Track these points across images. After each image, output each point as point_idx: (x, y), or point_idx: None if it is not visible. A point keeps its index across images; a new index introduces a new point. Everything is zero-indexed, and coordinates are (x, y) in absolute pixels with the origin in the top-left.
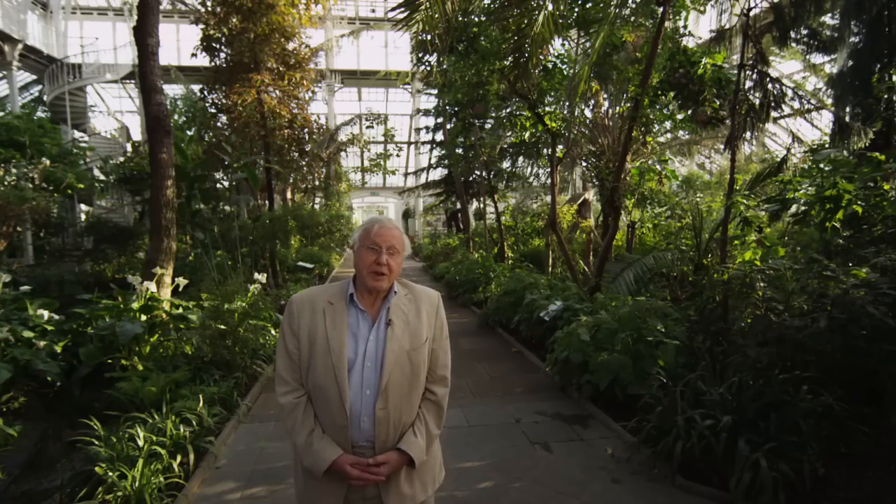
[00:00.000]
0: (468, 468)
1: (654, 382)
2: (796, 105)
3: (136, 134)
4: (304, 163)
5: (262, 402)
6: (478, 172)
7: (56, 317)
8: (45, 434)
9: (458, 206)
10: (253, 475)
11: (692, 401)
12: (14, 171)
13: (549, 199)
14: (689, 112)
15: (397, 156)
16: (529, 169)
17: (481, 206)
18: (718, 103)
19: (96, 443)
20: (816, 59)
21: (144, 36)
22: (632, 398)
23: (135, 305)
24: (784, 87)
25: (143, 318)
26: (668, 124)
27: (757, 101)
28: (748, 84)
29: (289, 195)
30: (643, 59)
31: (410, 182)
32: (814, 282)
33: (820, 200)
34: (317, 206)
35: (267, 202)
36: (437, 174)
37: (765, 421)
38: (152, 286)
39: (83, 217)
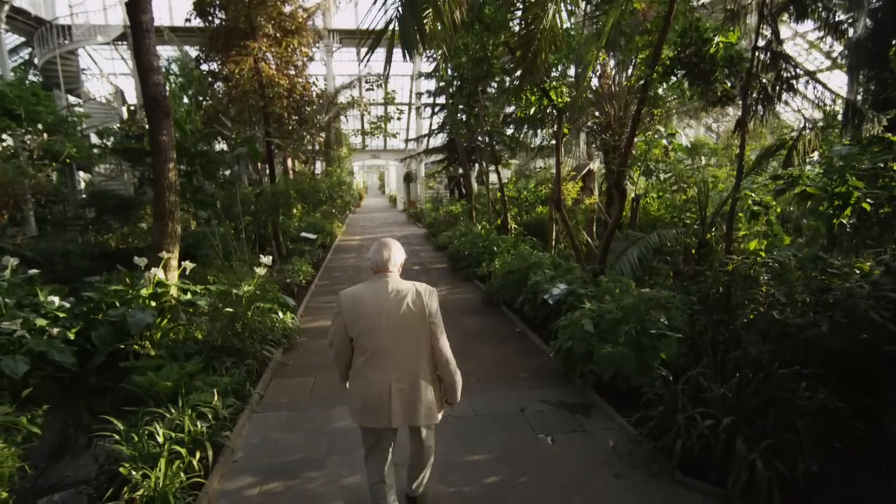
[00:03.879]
0: (476, 462)
1: (657, 378)
2: (810, 93)
3: (131, 97)
4: (304, 133)
5: (273, 389)
6: (480, 139)
7: (66, 304)
8: (65, 423)
9: (461, 171)
10: (269, 469)
11: (693, 396)
12: (10, 141)
13: (551, 160)
14: (700, 90)
15: (398, 119)
16: (532, 137)
17: (484, 174)
18: (730, 84)
19: (117, 437)
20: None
21: (138, 12)
22: (634, 388)
23: (144, 292)
24: (798, 70)
25: (153, 304)
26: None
27: (769, 84)
28: (761, 63)
29: (289, 163)
30: (654, 31)
31: (412, 147)
32: (817, 277)
33: (829, 197)
34: (317, 171)
35: (268, 173)
36: (440, 140)
37: (763, 417)
38: (160, 272)
39: (82, 184)
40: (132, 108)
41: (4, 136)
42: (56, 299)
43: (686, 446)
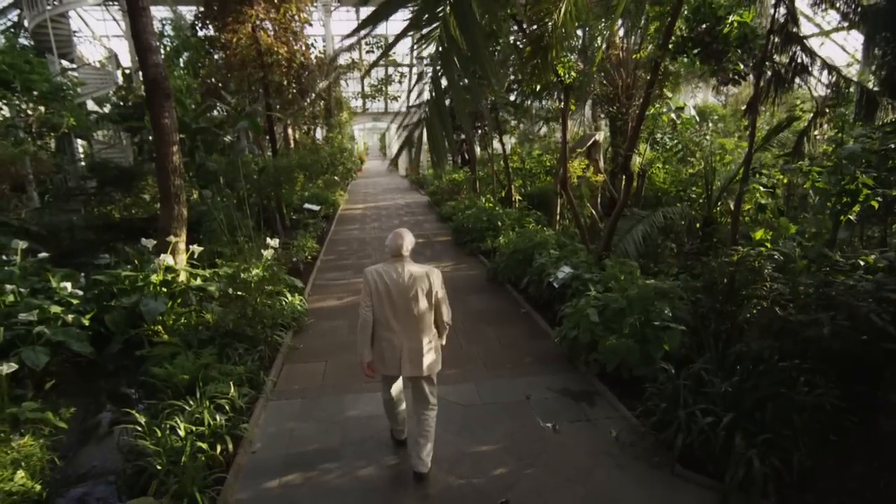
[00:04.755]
0: (485, 452)
1: (659, 370)
2: (824, 77)
3: (125, 59)
4: (305, 102)
5: (285, 376)
6: (484, 101)
7: (79, 292)
8: (87, 410)
9: (463, 136)
10: (287, 461)
11: (694, 390)
12: (7, 111)
13: (556, 124)
14: (712, 69)
15: (399, 82)
16: (538, 107)
17: (488, 144)
18: (742, 67)
19: (140, 430)
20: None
21: None
22: (637, 377)
23: (154, 278)
24: (814, 55)
25: (164, 290)
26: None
27: (782, 68)
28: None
29: (290, 132)
30: (666, 3)
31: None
32: (821, 271)
33: (837, 193)
34: (318, 137)
35: (270, 147)
36: None
37: (762, 410)
38: (169, 259)
39: (81, 152)
40: (127, 71)
41: (1, 105)
42: (68, 285)
43: (686, 442)
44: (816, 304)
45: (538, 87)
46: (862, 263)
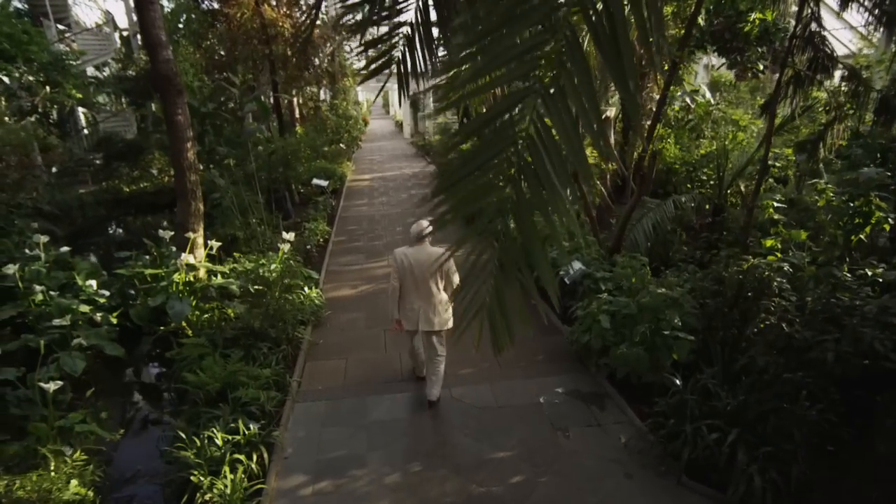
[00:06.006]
0: (502, 459)
1: (667, 380)
2: (842, 81)
3: (122, 20)
4: (307, 73)
5: (308, 374)
6: None
7: (106, 292)
8: (125, 410)
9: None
10: (318, 467)
11: (701, 402)
12: (7, 80)
13: None
14: (731, 62)
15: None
16: None
17: None
18: (762, 66)
19: (180, 435)
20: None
21: None
22: (646, 383)
23: (177, 277)
24: (835, 60)
25: (187, 290)
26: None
27: (802, 71)
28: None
29: (296, 103)
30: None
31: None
32: (828, 286)
33: (850, 215)
34: (322, 98)
35: (277, 127)
36: None
37: (764, 423)
38: (190, 258)
39: (83, 120)
40: (125, 32)
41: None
42: (94, 283)
43: (692, 456)
44: (822, 319)
45: None
46: (869, 274)
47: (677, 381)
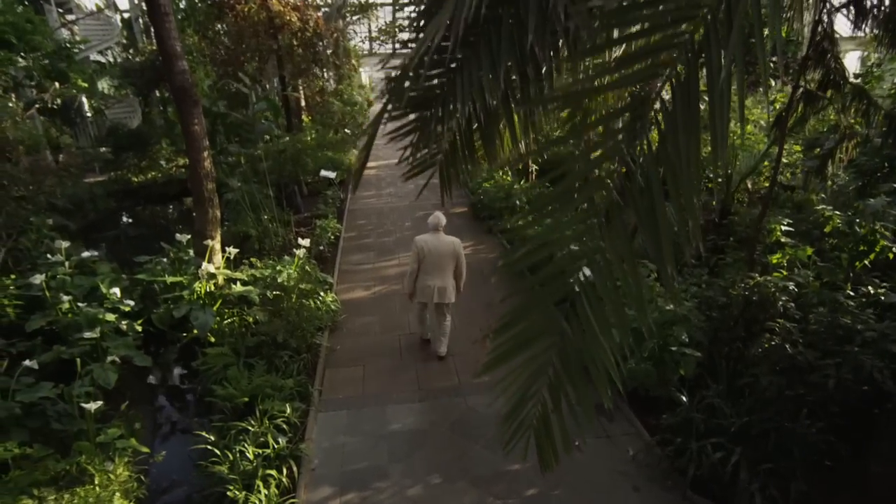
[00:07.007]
0: (517, 472)
1: (674, 394)
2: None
3: (122, 1)
4: (317, 69)
5: (328, 383)
6: None
7: (131, 302)
8: (155, 419)
9: None
10: (343, 479)
11: (706, 419)
12: (12, 72)
13: None
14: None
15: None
16: None
17: None
18: (773, 82)
19: (212, 449)
20: None
21: None
22: (653, 396)
23: (198, 286)
24: (846, 79)
25: (209, 300)
26: None
27: (814, 88)
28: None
29: (302, 93)
30: None
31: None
32: (832, 306)
33: (855, 241)
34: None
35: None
36: None
37: (766, 439)
38: (210, 267)
39: (86, 105)
40: (126, 14)
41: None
42: (117, 291)
43: (697, 473)
44: (824, 338)
45: None
46: (871, 291)
47: (683, 398)
